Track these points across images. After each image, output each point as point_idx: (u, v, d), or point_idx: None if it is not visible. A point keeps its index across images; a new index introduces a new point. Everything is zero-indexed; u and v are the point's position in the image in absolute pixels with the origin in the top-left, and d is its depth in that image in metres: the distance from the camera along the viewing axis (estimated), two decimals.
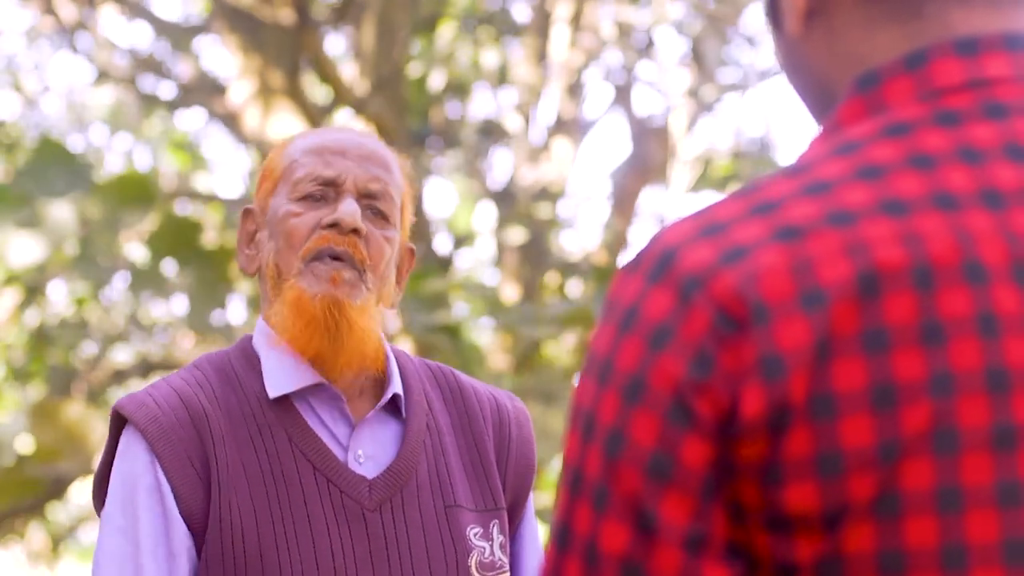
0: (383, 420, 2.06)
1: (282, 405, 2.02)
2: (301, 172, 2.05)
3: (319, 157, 2.06)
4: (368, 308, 2.02)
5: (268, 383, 2.02)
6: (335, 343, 1.99)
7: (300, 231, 2.02)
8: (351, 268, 2.01)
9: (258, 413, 2.01)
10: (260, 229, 2.10)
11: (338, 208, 2.02)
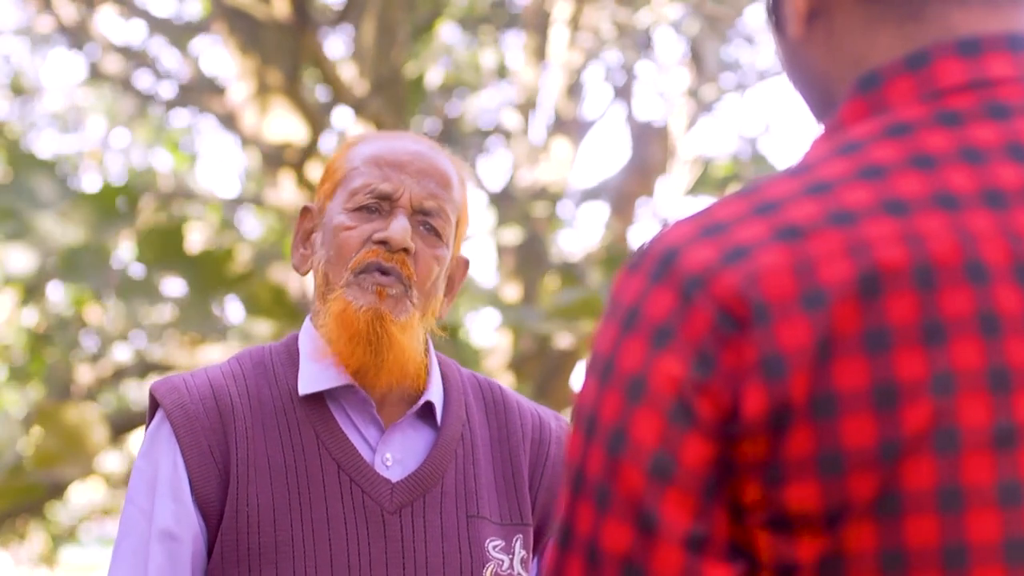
0: (416, 426, 2.08)
1: (314, 403, 2.04)
2: (358, 182, 2.06)
3: (378, 169, 2.06)
4: (411, 325, 2.04)
5: (300, 381, 2.05)
6: (376, 357, 2.01)
7: (351, 244, 2.04)
8: (398, 283, 2.03)
9: (289, 409, 2.04)
10: (317, 230, 2.11)
11: (389, 226, 2.03)
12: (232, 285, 8.03)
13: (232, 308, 8.74)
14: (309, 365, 2.05)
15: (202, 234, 10.90)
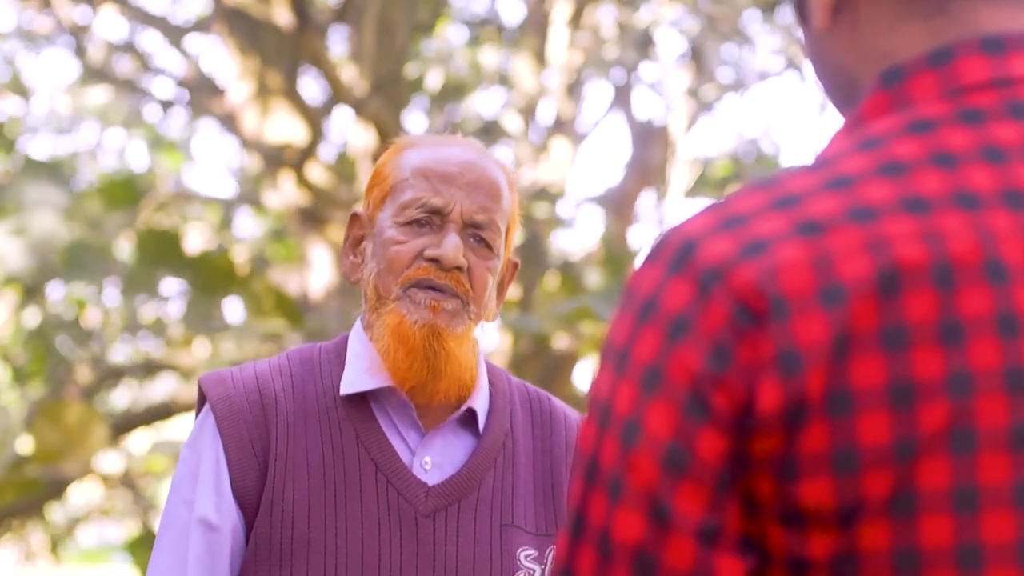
0: (458, 432, 2.09)
1: (356, 404, 2.05)
2: (409, 195, 2.05)
3: (428, 182, 2.05)
4: (467, 337, 2.04)
5: (344, 381, 2.06)
6: (434, 372, 2.02)
7: (402, 258, 2.03)
8: (453, 298, 2.03)
9: (331, 407, 2.05)
10: (367, 238, 2.11)
11: (442, 243, 2.02)
12: (232, 286, 8.03)
13: (232, 309, 8.74)
14: (354, 366, 2.06)
15: (201, 235, 10.90)
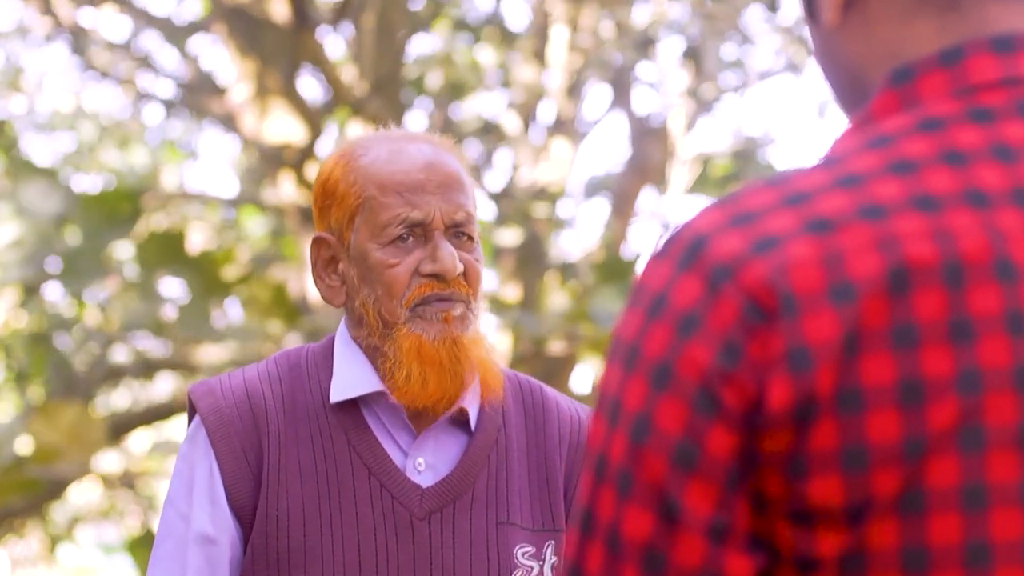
0: (450, 431, 2.08)
1: (347, 408, 2.05)
2: (385, 215, 2.02)
3: (400, 196, 2.02)
4: (480, 336, 2.04)
5: (333, 389, 2.04)
6: (456, 382, 2.02)
7: (400, 280, 2.01)
8: (459, 303, 2.02)
9: (321, 414, 2.04)
10: (341, 260, 2.07)
11: (437, 256, 2.01)
12: (231, 287, 8.03)
13: (232, 309, 8.74)
14: (343, 372, 2.05)
15: (202, 234, 10.90)
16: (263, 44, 8.19)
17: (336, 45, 9.90)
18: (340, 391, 2.04)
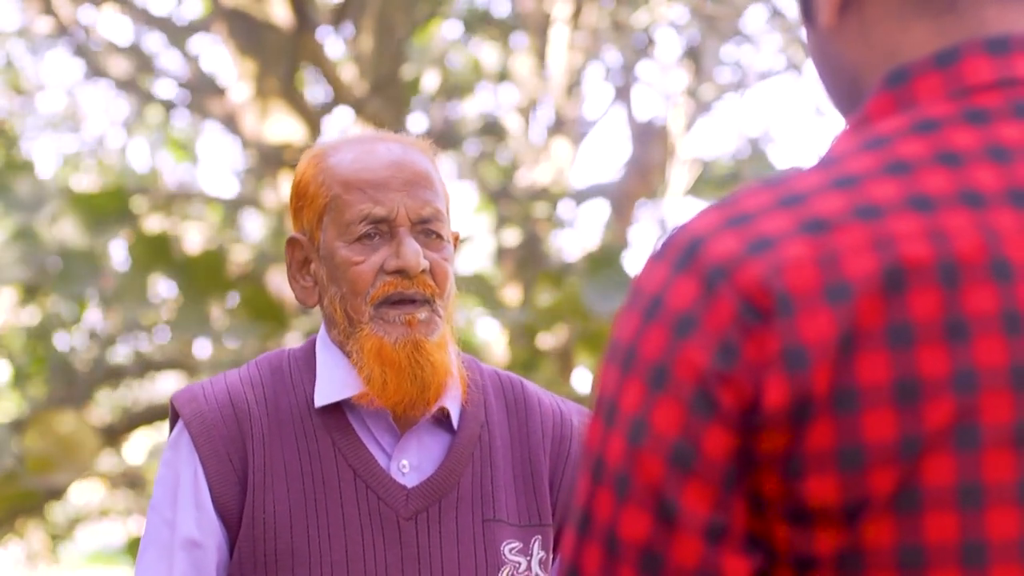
0: (433, 431, 2.08)
1: (331, 411, 2.05)
2: (350, 213, 2.02)
3: (364, 193, 2.02)
4: (445, 340, 2.03)
5: (317, 393, 2.04)
6: (421, 387, 2.01)
7: (364, 277, 2.01)
8: (423, 305, 2.02)
9: (306, 416, 2.04)
10: (313, 260, 2.08)
11: (400, 252, 2.00)
12: (226, 289, 8.01)
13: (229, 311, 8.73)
14: (326, 376, 2.05)
15: (201, 234, 10.90)
16: (263, 44, 8.19)
17: (336, 45, 9.91)
18: (324, 395, 2.04)
